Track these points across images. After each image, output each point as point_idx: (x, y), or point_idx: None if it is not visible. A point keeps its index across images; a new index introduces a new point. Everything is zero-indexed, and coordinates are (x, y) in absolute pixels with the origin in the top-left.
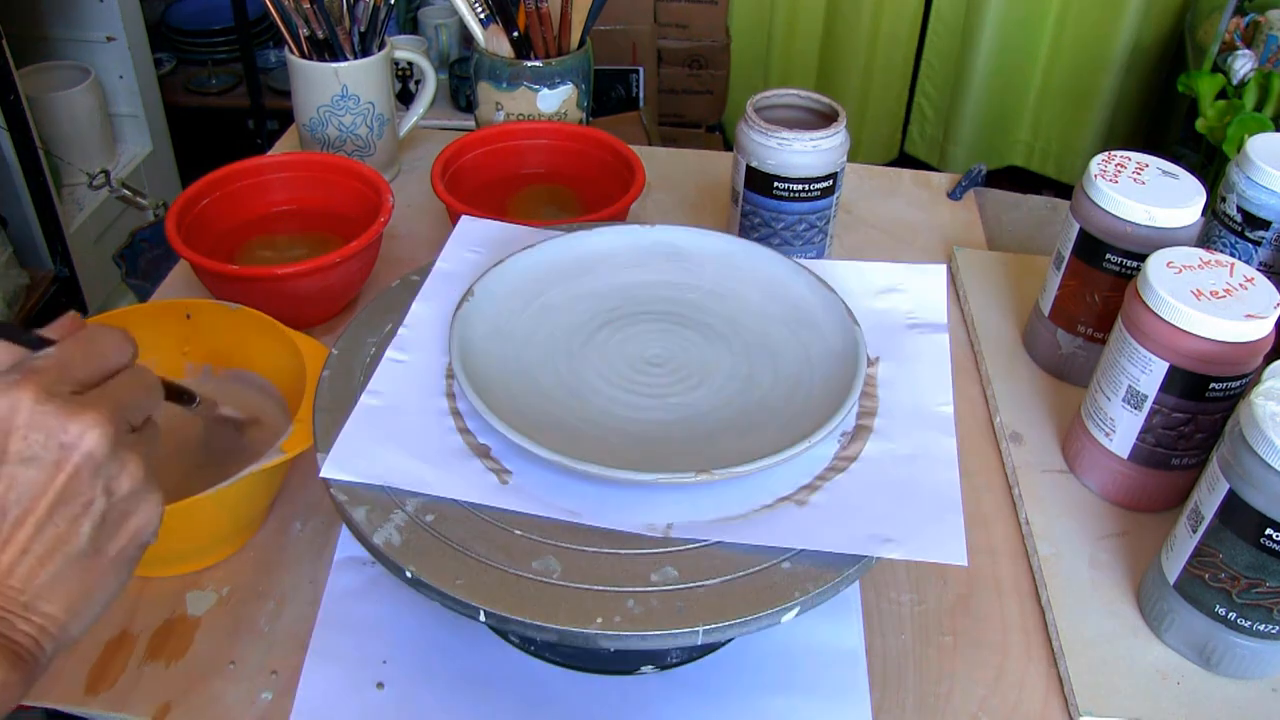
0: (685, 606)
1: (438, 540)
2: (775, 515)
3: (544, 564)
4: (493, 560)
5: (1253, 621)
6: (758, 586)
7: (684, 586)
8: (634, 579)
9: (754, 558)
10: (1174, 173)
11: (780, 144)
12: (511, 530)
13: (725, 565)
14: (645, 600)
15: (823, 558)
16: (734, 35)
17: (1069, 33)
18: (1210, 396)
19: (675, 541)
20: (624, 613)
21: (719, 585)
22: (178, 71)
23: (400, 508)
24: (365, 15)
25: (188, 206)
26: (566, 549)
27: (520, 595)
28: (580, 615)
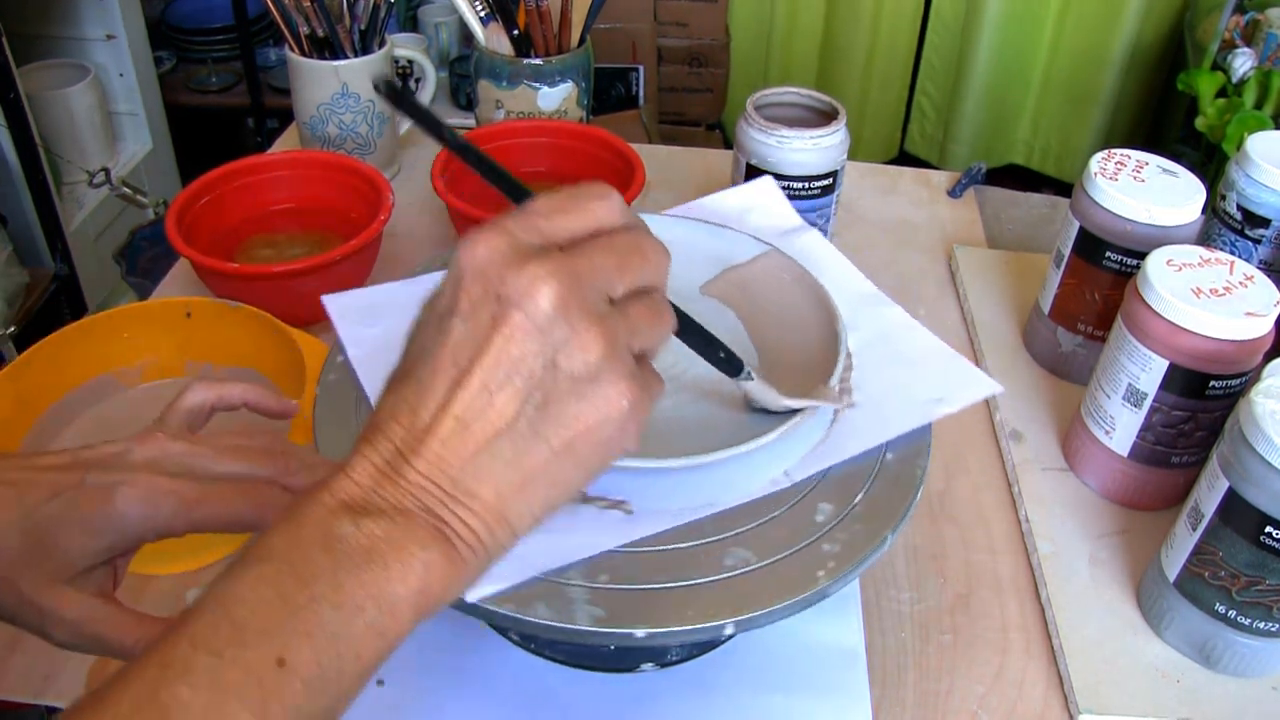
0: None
1: (634, 591)
2: (848, 424)
3: (736, 557)
4: (698, 576)
5: (1253, 619)
6: (795, 567)
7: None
8: (803, 533)
9: (791, 538)
10: (1174, 171)
11: (780, 142)
12: (678, 546)
13: (773, 546)
14: (830, 549)
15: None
16: (734, 34)
17: (1069, 31)
18: (1210, 394)
19: (732, 524)
20: (824, 567)
21: (768, 567)
22: (178, 70)
23: (568, 584)
24: (365, 13)
25: (188, 205)
26: (740, 534)
27: (744, 592)
28: (805, 580)
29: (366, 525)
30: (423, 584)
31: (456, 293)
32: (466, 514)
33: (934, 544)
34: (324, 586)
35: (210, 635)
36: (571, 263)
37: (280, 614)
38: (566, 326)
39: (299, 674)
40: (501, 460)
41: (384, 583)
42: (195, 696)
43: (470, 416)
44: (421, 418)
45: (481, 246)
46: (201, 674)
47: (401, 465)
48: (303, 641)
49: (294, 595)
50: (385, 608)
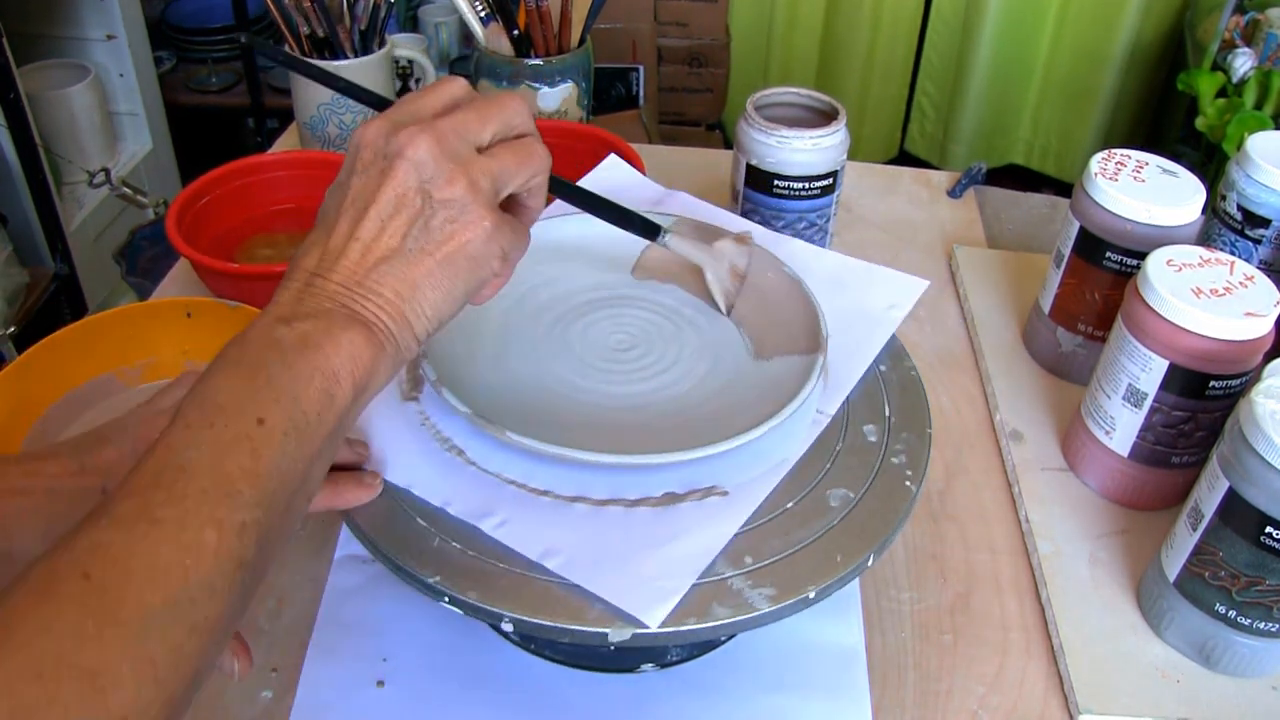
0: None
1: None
2: (834, 366)
3: None
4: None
5: (1252, 620)
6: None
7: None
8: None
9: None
10: (1174, 171)
11: (780, 142)
12: None
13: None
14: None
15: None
16: (734, 34)
17: (1069, 31)
18: (1210, 395)
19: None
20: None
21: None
22: (178, 70)
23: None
24: (365, 13)
25: (188, 205)
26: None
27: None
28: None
29: (298, 325)
30: (351, 356)
31: (353, 161)
32: (374, 307)
33: (934, 544)
34: (276, 368)
35: (199, 416)
36: (439, 121)
37: (249, 391)
38: (435, 167)
39: (277, 428)
40: (397, 269)
41: (322, 359)
42: (201, 455)
43: (370, 239)
44: (332, 247)
45: (371, 127)
46: (203, 441)
47: (318, 283)
48: (272, 405)
49: (255, 378)
50: (328, 375)
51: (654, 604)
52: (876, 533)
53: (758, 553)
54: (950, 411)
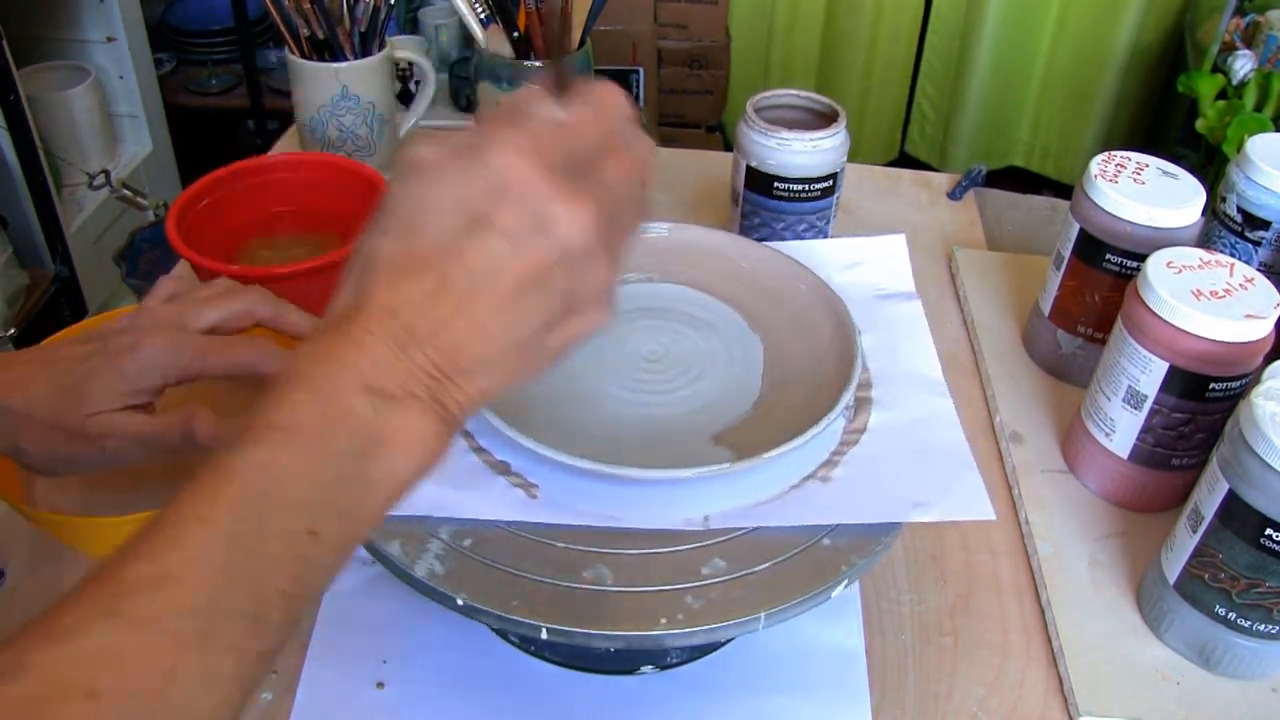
0: (743, 595)
1: (482, 563)
2: (805, 494)
3: (596, 572)
4: (543, 576)
5: (1253, 621)
6: (806, 566)
7: (736, 575)
8: (687, 575)
9: (793, 539)
10: (1174, 173)
11: (780, 144)
12: (553, 544)
13: (769, 550)
14: (704, 594)
15: (858, 530)
16: (734, 35)
17: (1069, 32)
18: (1210, 396)
19: (716, 533)
20: (685, 610)
21: (770, 569)
22: (178, 71)
23: (434, 536)
24: (365, 15)
25: (188, 207)
26: (613, 554)
27: (579, 607)
28: (644, 618)
29: (384, 410)
30: (422, 463)
31: (497, 205)
32: (464, 398)
33: (934, 545)
34: (348, 465)
35: (255, 506)
36: (607, 203)
37: (311, 489)
38: (591, 259)
39: (330, 542)
40: (506, 359)
41: (398, 466)
42: (244, 559)
43: (490, 323)
44: (444, 313)
45: (526, 168)
46: (246, 540)
47: (414, 351)
48: (331, 517)
49: (322, 472)
50: (396, 484)
51: (976, 499)
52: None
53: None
54: None
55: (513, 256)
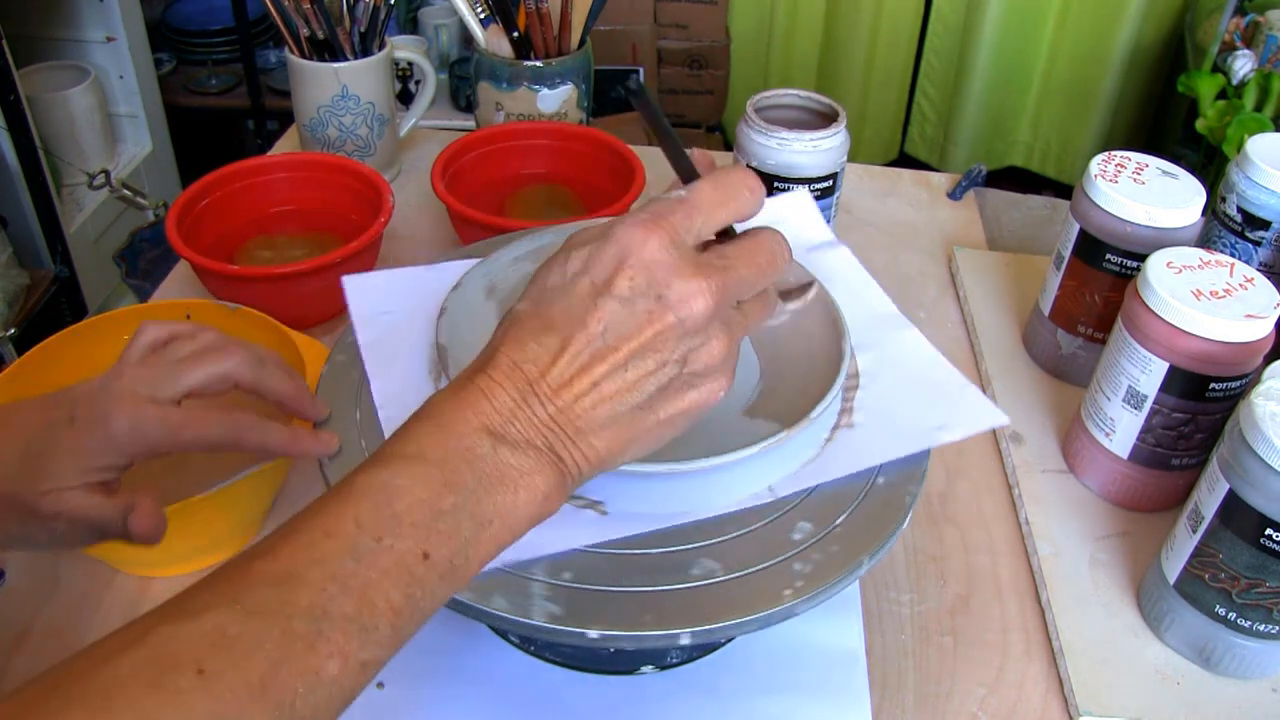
0: (840, 548)
1: (595, 592)
2: (839, 444)
3: (704, 568)
4: (658, 585)
5: (1253, 621)
6: (876, 506)
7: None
8: (782, 546)
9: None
10: (1174, 173)
11: (780, 144)
12: (648, 552)
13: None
14: (807, 558)
15: (898, 464)
16: (734, 35)
17: (1069, 33)
18: (1210, 397)
19: (784, 501)
20: (799, 575)
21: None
22: (178, 71)
23: (532, 579)
24: (365, 15)
25: (188, 206)
26: (711, 545)
27: (704, 603)
28: (771, 595)
29: (503, 452)
30: (538, 510)
31: (617, 274)
32: (580, 458)
33: (934, 546)
34: (465, 498)
35: (372, 520)
36: (725, 280)
37: (429, 515)
38: (705, 334)
39: (437, 568)
40: (619, 423)
41: (511, 506)
42: (359, 569)
43: (606, 385)
44: (562, 371)
45: (653, 241)
46: (365, 552)
47: (535, 404)
48: (443, 542)
49: (441, 499)
50: (508, 525)
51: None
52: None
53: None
54: None
55: (632, 319)
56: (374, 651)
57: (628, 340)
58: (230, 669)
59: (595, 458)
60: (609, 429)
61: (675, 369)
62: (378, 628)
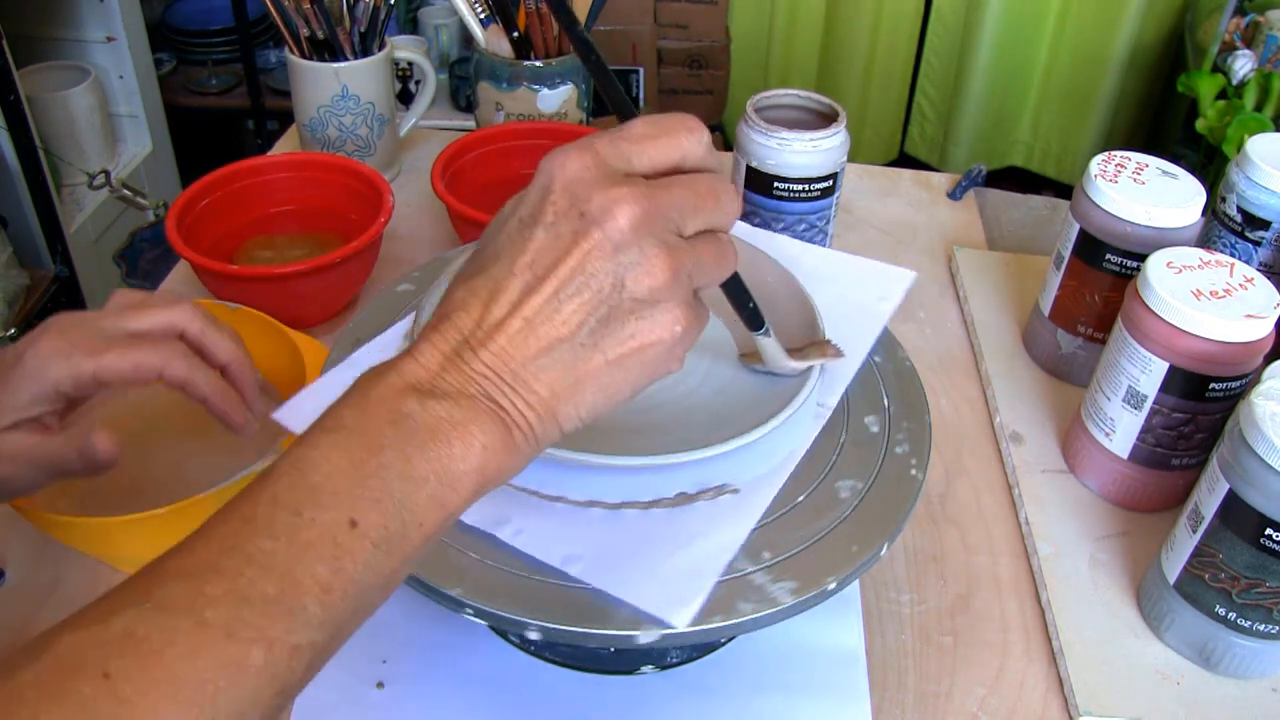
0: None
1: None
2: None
3: None
4: None
5: (1253, 621)
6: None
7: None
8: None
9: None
10: (1174, 173)
11: (780, 144)
12: None
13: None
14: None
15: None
16: (734, 35)
17: (1069, 33)
18: (1210, 396)
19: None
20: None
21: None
22: (178, 71)
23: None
24: (365, 15)
25: (188, 207)
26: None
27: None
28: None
29: (432, 406)
30: (481, 463)
31: (543, 203)
32: (523, 405)
33: (934, 546)
34: (392, 457)
35: (289, 495)
36: (652, 192)
37: (352, 480)
38: (638, 250)
39: (369, 536)
40: (560, 363)
41: (447, 460)
42: (277, 547)
43: (539, 320)
44: (493, 313)
45: (573, 161)
46: (282, 529)
47: (467, 354)
48: (372, 507)
49: (364, 463)
50: (447, 482)
51: (680, 604)
52: (888, 522)
53: (775, 547)
54: (950, 413)
55: (556, 243)
56: (307, 634)
57: (555, 267)
58: (138, 670)
59: (540, 404)
60: (550, 371)
61: (614, 296)
62: (306, 608)
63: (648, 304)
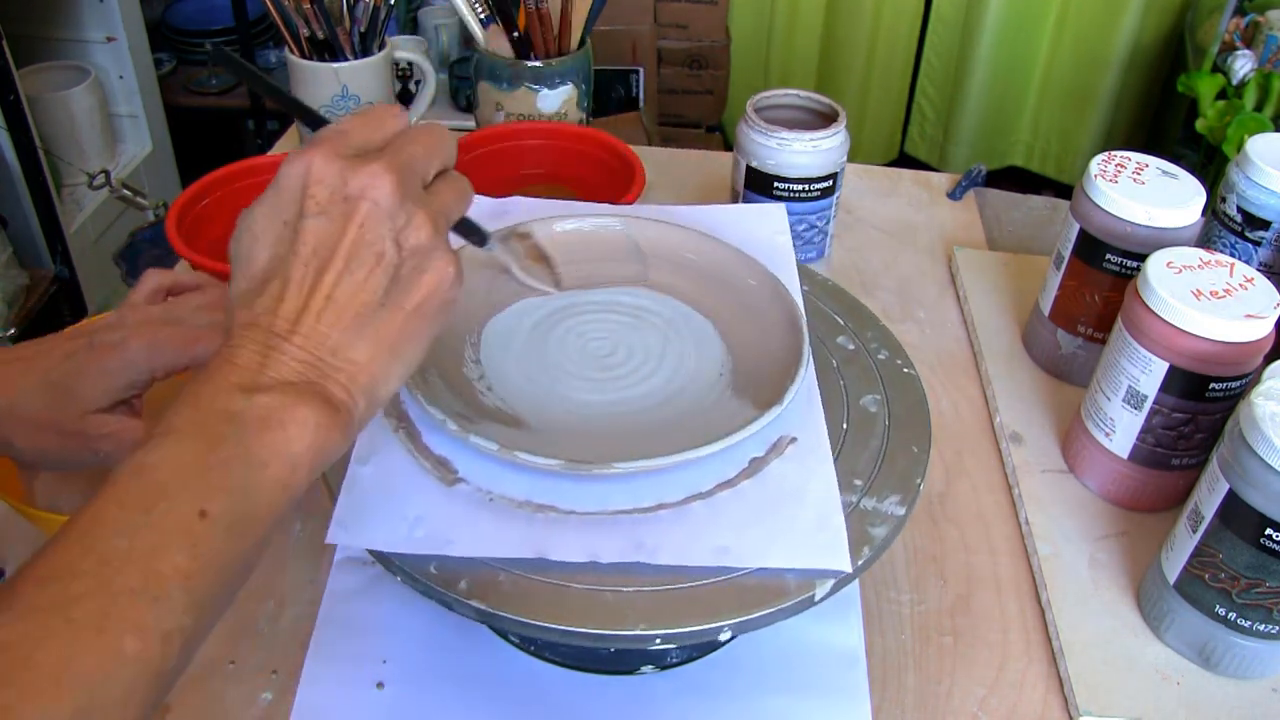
0: None
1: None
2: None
3: None
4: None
5: (1253, 621)
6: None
7: None
8: None
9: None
10: (1174, 173)
11: (780, 144)
12: None
13: None
14: None
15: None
16: (734, 35)
17: (1069, 32)
18: (1210, 396)
19: None
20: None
21: None
22: (178, 71)
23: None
24: (365, 15)
25: (188, 207)
26: None
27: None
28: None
29: (259, 398)
30: (314, 440)
31: (303, 200)
32: (345, 378)
33: (934, 546)
34: (232, 449)
35: (138, 497)
36: (396, 158)
37: (196, 474)
38: (404, 212)
39: (220, 523)
40: (370, 328)
41: (283, 443)
42: (134, 544)
43: (340, 294)
44: (295, 304)
45: (317, 159)
46: (135, 527)
47: (282, 345)
48: (218, 495)
49: (206, 457)
50: (286, 463)
51: (832, 550)
52: (921, 435)
53: (859, 474)
54: (950, 413)
55: (331, 226)
56: (175, 619)
57: (339, 245)
58: (15, 675)
59: (361, 373)
60: (363, 338)
61: (395, 254)
62: (171, 595)
63: (424, 254)
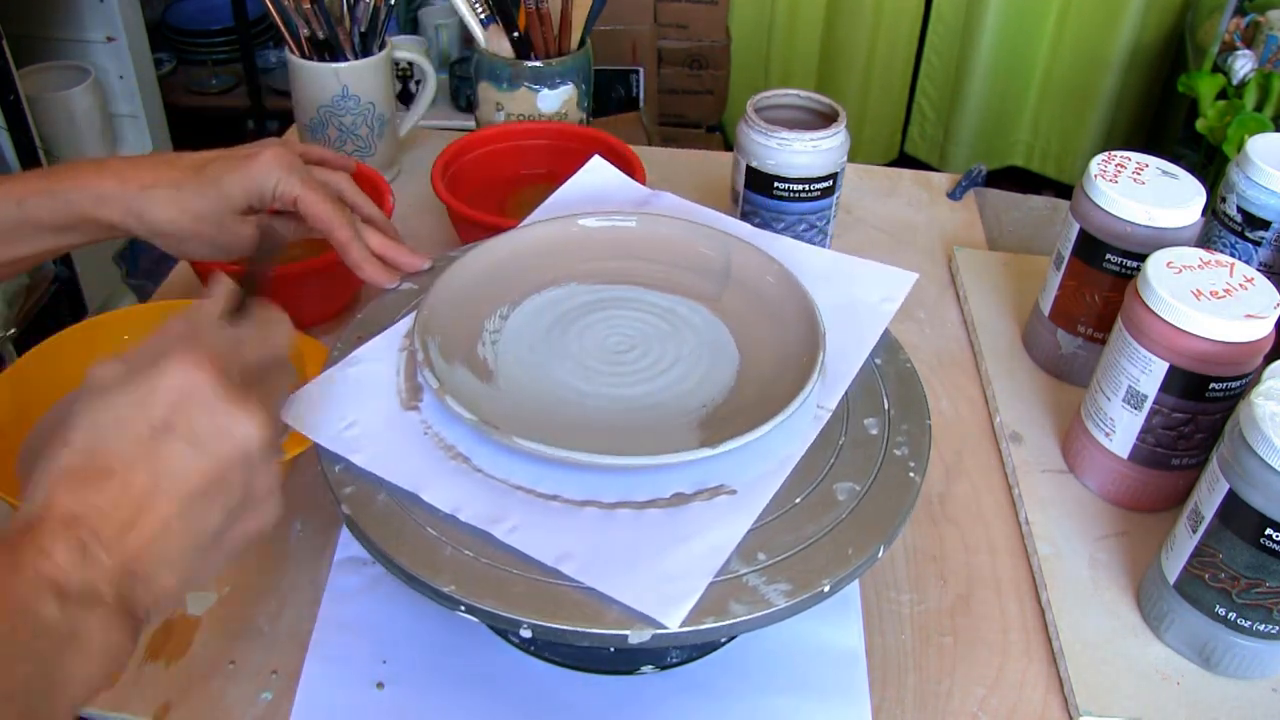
0: None
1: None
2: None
3: None
4: None
5: (1253, 621)
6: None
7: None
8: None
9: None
10: (1174, 173)
11: (780, 144)
12: None
13: None
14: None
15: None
16: (734, 35)
17: (1069, 33)
18: (1210, 396)
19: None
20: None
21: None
22: (178, 72)
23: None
24: (365, 15)
25: None
26: None
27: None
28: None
29: (70, 610)
30: (112, 660)
31: (174, 414)
32: (151, 599)
33: (934, 546)
34: (33, 673)
35: None
36: (270, 398)
37: None
38: (264, 460)
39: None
40: (189, 557)
41: (83, 664)
42: None
43: (177, 525)
44: (127, 515)
45: (205, 383)
46: None
47: (100, 553)
48: (3, 704)
49: (4, 683)
50: (83, 683)
51: (672, 604)
52: (884, 525)
53: (770, 549)
54: (950, 413)
55: (196, 459)
56: None
57: (197, 477)
58: None
59: (165, 594)
60: (179, 565)
61: (239, 499)
62: None
63: (263, 498)
